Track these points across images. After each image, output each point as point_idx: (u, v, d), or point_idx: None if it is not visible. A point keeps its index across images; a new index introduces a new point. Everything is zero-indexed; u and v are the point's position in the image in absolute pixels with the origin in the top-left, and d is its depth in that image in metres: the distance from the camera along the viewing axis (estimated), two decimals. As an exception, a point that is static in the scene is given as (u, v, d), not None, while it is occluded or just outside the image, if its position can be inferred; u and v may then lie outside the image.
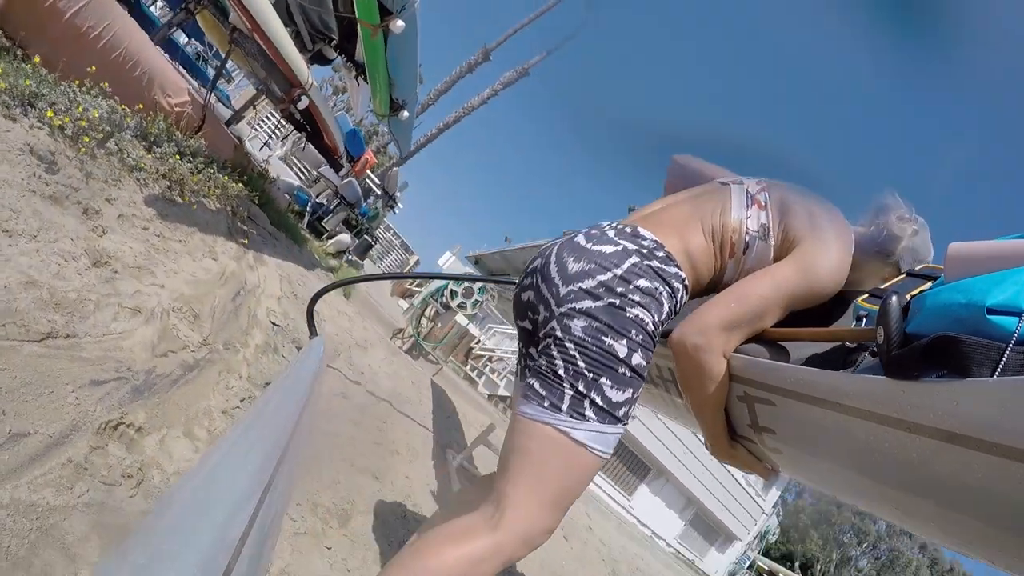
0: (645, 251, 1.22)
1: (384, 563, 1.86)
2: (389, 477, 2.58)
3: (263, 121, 11.67)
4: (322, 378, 2.55)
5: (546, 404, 1.12)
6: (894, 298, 0.87)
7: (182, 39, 9.60)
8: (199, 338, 2.09)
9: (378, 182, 9.48)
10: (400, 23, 3.89)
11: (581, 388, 1.11)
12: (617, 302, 1.14)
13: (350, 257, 8.55)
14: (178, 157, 3.12)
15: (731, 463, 1.36)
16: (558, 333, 1.16)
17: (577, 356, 1.12)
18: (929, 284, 1.21)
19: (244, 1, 3.28)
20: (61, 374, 1.38)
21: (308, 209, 7.56)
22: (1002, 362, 0.71)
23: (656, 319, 1.17)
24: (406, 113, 5.32)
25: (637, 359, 1.14)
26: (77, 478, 1.16)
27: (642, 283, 1.17)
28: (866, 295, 1.32)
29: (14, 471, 1.06)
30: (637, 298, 1.15)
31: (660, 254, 1.23)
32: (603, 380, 1.11)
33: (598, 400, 1.11)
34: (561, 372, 1.13)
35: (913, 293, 1.12)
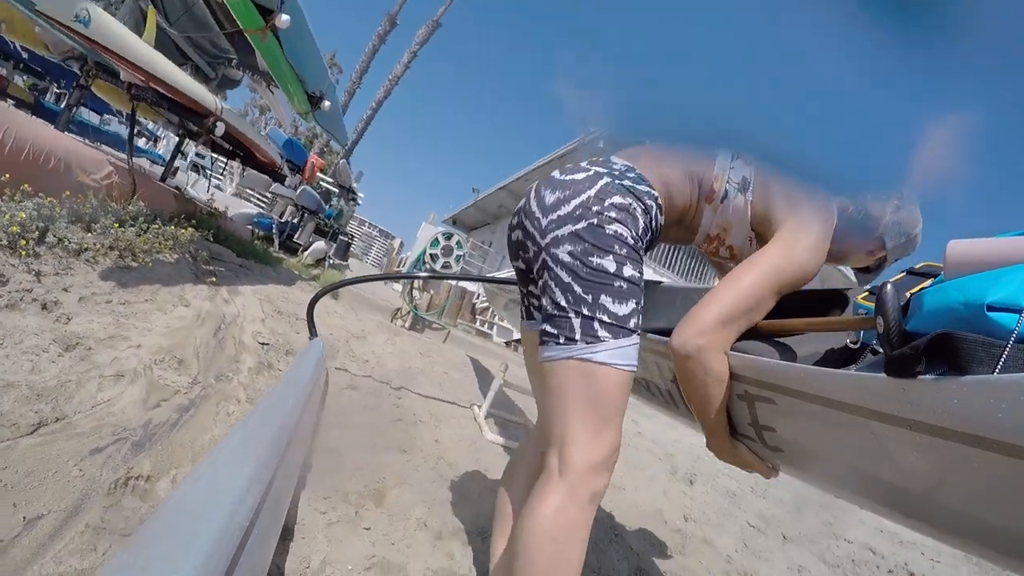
0: (616, 173, 1.29)
1: (428, 527, 1.91)
2: (417, 446, 2.64)
3: (206, 165, 11.62)
4: (324, 373, 2.63)
5: (561, 340, 1.18)
6: (889, 286, 0.88)
7: (95, 119, 9.57)
8: (188, 380, 2.18)
9: (331, 180, 9.46)
10: (284, 17, 3.85)
11: (586, 312, 1.16)
12: (595, 221, 1.20)
13: (332, 261, 8.60)
14: (118, 226, 3.16)
15: (732, 462, 1.37)
16: (549, 263, 1.22)
17: (572, 282, 1.18)
18: (929, 282, 1.21)
19: (127, 57, 3.25)
20: (60, 454, 1.47)
21: (275, 231, 7.59)
22: (1002, 359, 0.72)
23: (634, 233, 1.23)
24: (327, 103, 5.28)
25: (629, 271, 1.20)
26: (98, 539, 1.25)
27: (616, 199, 1.23)
28: (865, 293, 1.33)
29: (36, 553, 1.15)
30: (613, 214, 1.21)
31: (631, 175, 1.29)
32: (603, 298, 1.17)
33: (605, 318, 1.16)
34: (563, 303, 1.18)
35: (913, 291, 1.12)
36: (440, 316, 6.92)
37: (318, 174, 8.32)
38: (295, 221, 8.59)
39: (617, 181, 1.26)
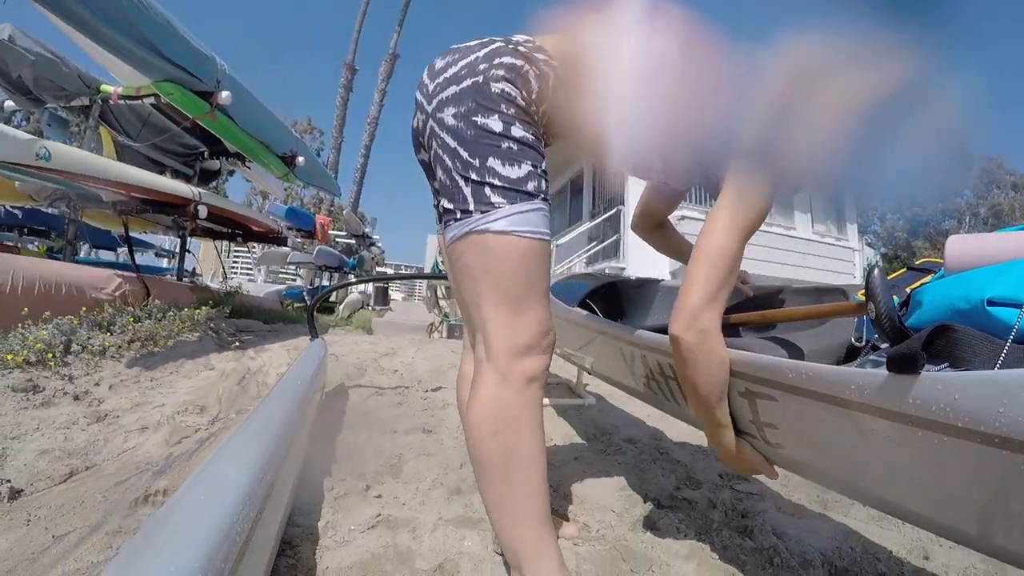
0: (512, 43, 1.20)
1: (444, 485, 1.86)
2: (444, 425, 2.62)
3: (234, 264, 12.29)
4: (326, 369, 2.74)
5: (458, 216, 1.12)
6: (877, 270, 0.88)
7: (111, 256, 10.32)
8: (209, 419, 2.39)
9: (344, 233, 9.84)
10: (224, 93, 4.11)
11: (475, 176, 1.10)
12: (480, 79, 1.12)
13: (374, 307, 8.92)
14: (133, 321, 3.46)
15: (734, 459, 1.30)
16: (436, 130, 1.16)
17: (458, 146, 1.12)
18: (929, 277, 1.19)
19: (93, 174, 3.56)
20: (88, 490, 1.67)
21: (306, 297, 7.95)
22: (1003, 355, 0.72)
23: (524, 95, 1.14)
24: (302, 159, 5.53)
25: (518, 131, 1.12)
26: (115, 540, 1.41)
27: (506, 59, 1.15)
28: (863, 288, 1.37)
29: (60, 559, 1.33)
30: (502, 72, 1.13)
31: (529, 44, 1.20)
32: (491, 161, 1.10)
33: (496, 182, 1.09)
34: (452, 171, 1.12)
35: (913, 286, 1.11)
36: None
37: (330, 232, 8.69)
38: (326, 283, 8.97)
39: (511, 45, 1.18)
